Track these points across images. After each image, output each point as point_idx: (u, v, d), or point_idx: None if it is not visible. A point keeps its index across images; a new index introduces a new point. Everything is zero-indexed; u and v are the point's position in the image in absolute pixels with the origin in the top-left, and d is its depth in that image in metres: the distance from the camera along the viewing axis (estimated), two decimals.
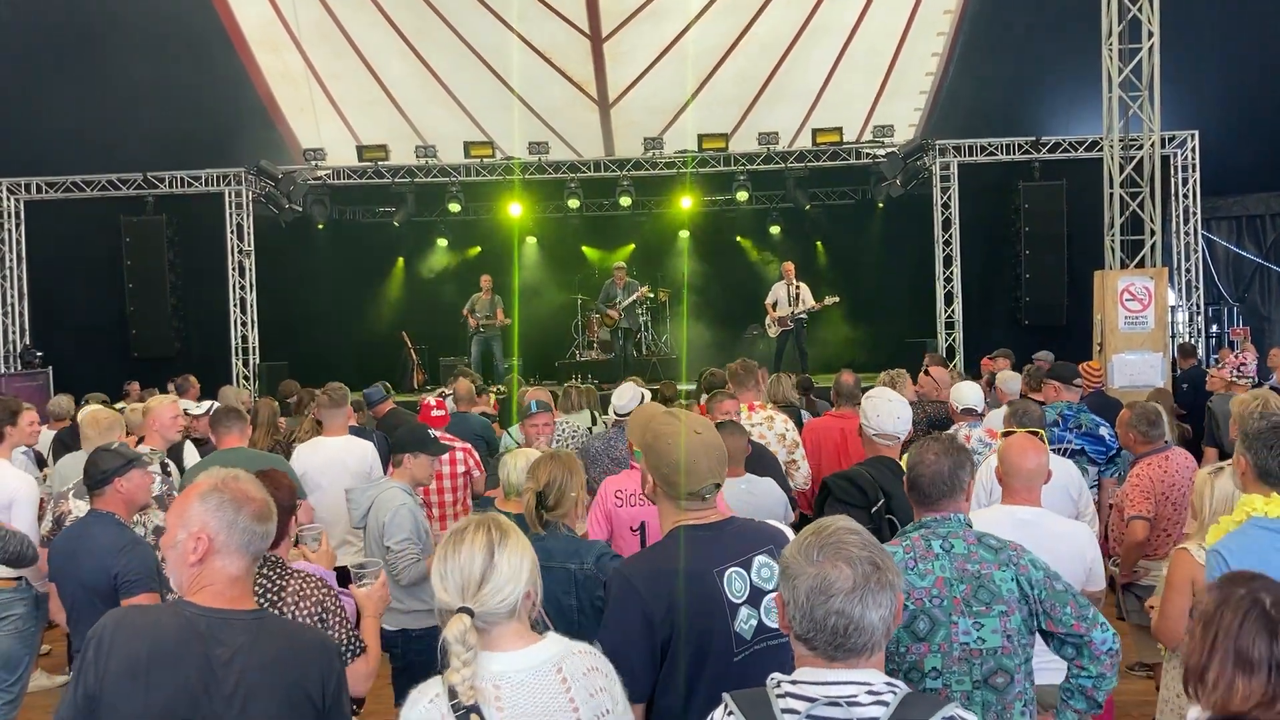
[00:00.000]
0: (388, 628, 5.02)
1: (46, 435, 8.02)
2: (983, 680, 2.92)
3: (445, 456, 6.18)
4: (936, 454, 3.09)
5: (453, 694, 2.09)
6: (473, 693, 2.06)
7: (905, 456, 3.52)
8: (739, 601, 2.60)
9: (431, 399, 7.13)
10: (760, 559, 2.68)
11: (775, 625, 2.60)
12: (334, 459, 6.08)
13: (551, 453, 3.93)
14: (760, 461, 5.18)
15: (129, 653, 2.25)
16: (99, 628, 2.30)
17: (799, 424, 6.90)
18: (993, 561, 2.95)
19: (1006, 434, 4.47)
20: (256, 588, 3.14)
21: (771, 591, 2.61)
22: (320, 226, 16.95)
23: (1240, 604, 2.08)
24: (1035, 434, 4.04)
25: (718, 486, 2.74)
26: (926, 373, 8.51)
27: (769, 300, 14.42)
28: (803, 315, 14.14)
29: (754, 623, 2.62)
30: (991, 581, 2.92)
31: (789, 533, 2.79)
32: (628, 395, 6.36)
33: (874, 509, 3.88)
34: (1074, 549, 3.66)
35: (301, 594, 3.20)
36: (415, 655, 4.81)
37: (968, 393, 6.14)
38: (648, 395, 6.48)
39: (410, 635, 4.85)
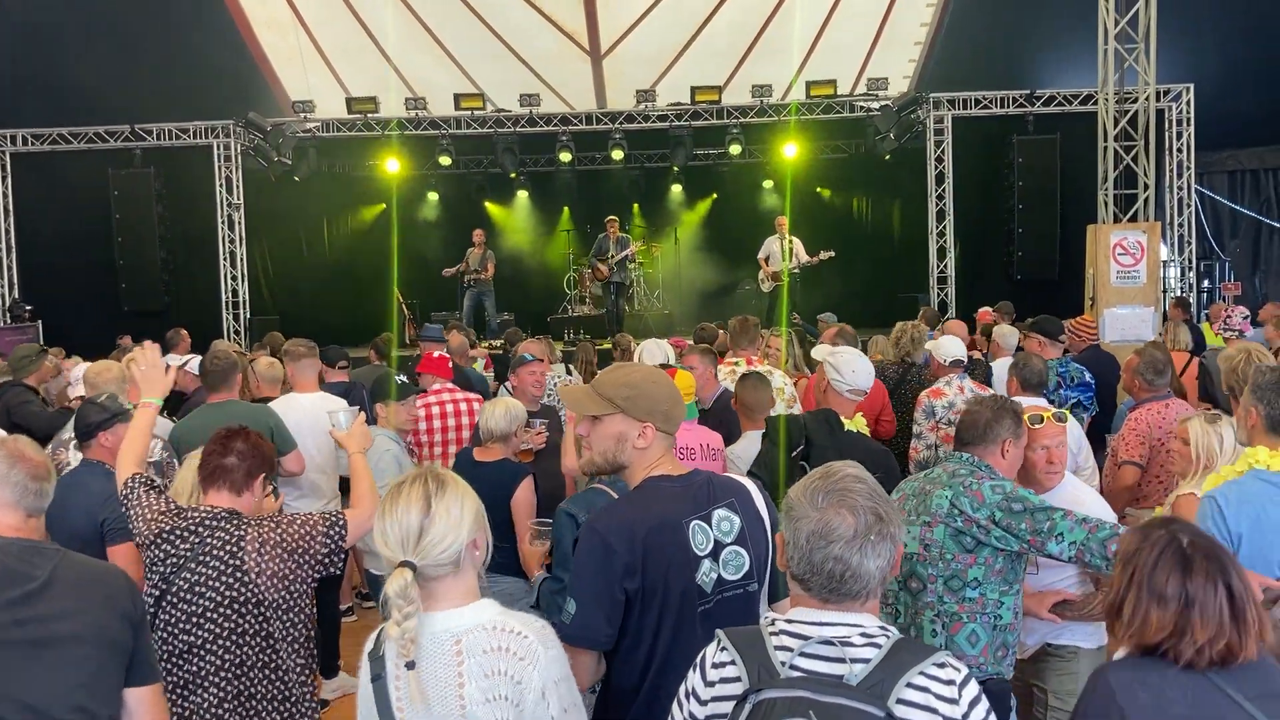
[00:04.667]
0: (374, 571, 5.04)
1: None
2: (902, 583, 3.32)
3: (451, 408, 6.18)
4: (981, 405, 3.52)
5: (377, 638, 2.16)
6: (412, 647, 2.06)
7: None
8: (702, 554, 2.56)
9: (435, 353, 7.13)
10: (720, 512, 2.64)
11: (732, 578, 2.61)
12: (309, 415, 5.75)
13: None
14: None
15: None
16: None
17: None
18: (942, 482, 3.32)
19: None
20: (215, 540, 3.11)
21: (730, 545, 2.62)
22: (310, 179, 16.80)
23: (1158, 542, 2.13)
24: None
25: None
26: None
27: (761, 255, 14.35)
28: (796, 270, 14.09)
29: (714, 576, 2.59)
30: (929, 497, 3.31)
31: (753, 487, 2.77)
32: (659, 356, 5.96)
33: (794, 452, 4.02)
34: None
35: (262, 541, 3.14)
36: None
37: (954, 345, 6.14)
38: (672, 355, 6.33)
39: None
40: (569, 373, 8.23)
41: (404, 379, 5.36)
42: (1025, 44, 15.86)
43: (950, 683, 1.83)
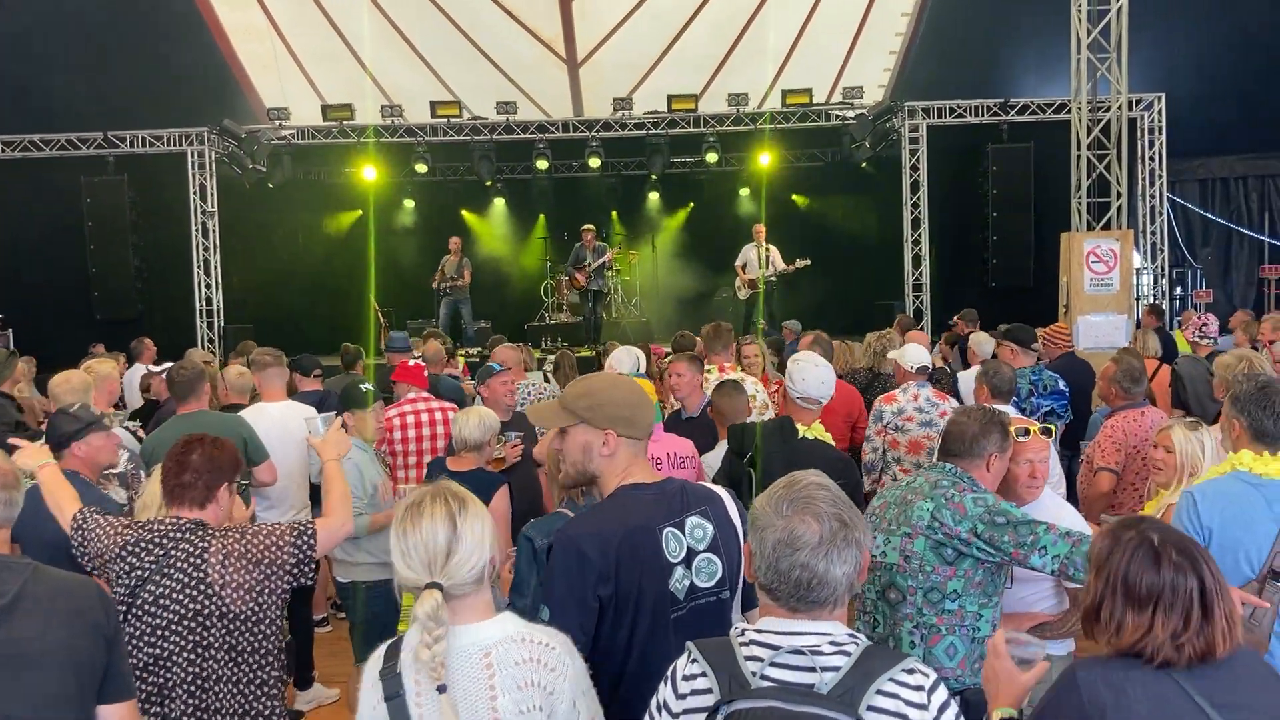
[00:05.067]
0: (340, 579, 5.03)
1: None
2: (880, 593, 3.29)
3: (425, 417, 6.14)
4: (970, 417, 3.45)
5: (388, 657, 2.14)
6: (442, 670, 2.05)
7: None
8: (675, 562, 2.58)
9: (409, 361, 7.11)
10: (693, 519, 2.65)
11: (705, 585, 2.63)
12: (278, 424, 5.77)
13: None
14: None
15: None
16: None
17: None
18: (923, 493, 3.27)
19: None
20: (179, 551, 3.08)
21: (703, 552, 2.64)
22: (284, 187, 16.73)
23: (1129, 544, 2.11)
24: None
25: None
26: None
27: (739, 262, 14.42)
28: (773, 277, 14.15)
29: (687, 583, 2.61)
30: (910, 508, 3.26)
31: (726, 495, 2.79)
32: (628, 364, 6.01)
33: (744, 458, 4.06)
34: None
35: (227, 553, 3.10)
36: (372, 609, 4.84)
37: (918, 353, 6.19)
38: (643, 360, 6.34)
39: (363, 588, 4.89)
40: (547, 380, 8.22)
41: (368, 386, 5.34)
42: (999, 53, 15.99)
43: (919, 688, 1.85)
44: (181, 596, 3.05)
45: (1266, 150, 17.04)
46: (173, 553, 3.08)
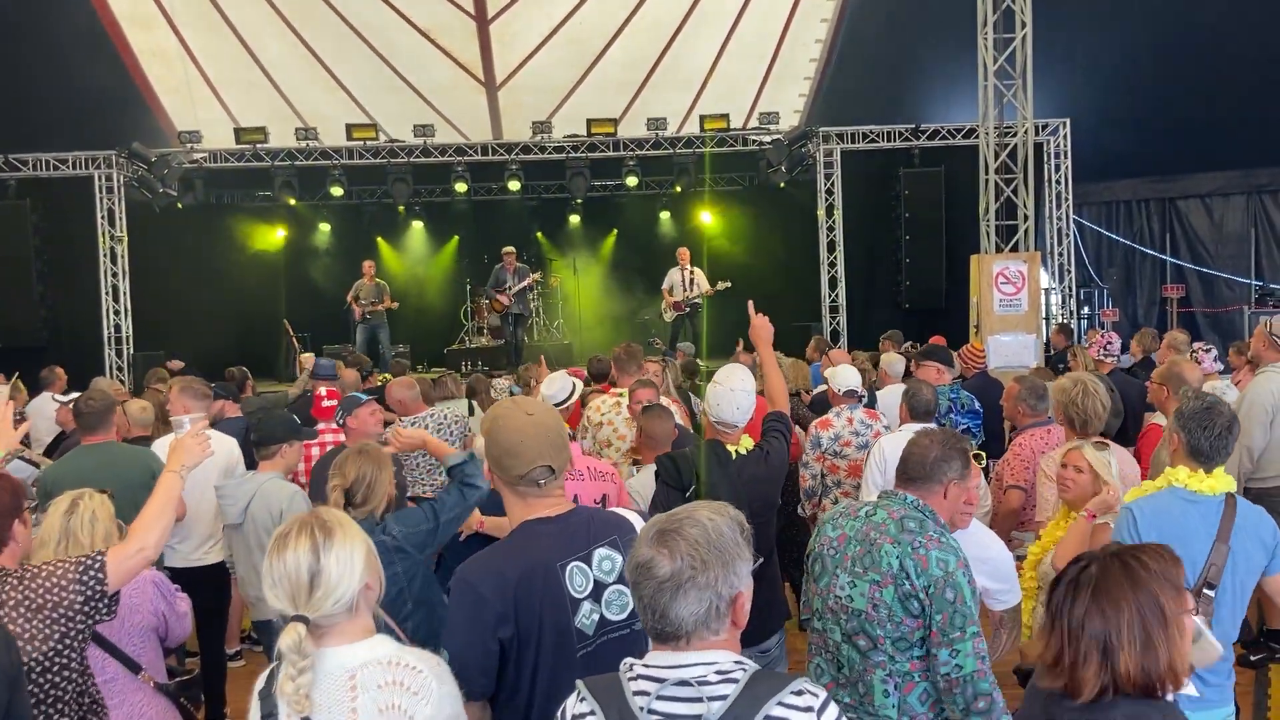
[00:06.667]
0: (261, 618, 4.88)
1: None
2: (847, 637, 3.14)
3: (332, 450, 6.04)
4: (931, 441, 3.29)
5: (270, 678, 2.12)
6: (306, 703, 2.03)
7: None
8: (580, 597, 2.54)
9: (323, 389, 6.99)
10: (601, 551, 2.60)
11: (617, 618, 2.60)
12: None
13: (359, 447, 3.86)
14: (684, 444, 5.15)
15: None
16: None
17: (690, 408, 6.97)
18: (891, 536, 3.11)
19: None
20: None
21: (612, 584, 2.60)
22: (196, 211, 16.39)
23: (1068, 572, 2.14)
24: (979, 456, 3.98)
25: (552, 471, 2.64)
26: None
27: (665, 285, 14.57)
28: (697, 300, 14.30)
29: (596, 617, 2.56)
30: (878, 550, 3.09)
31: (637, 522, 2.75)
32: (558, 385, 5.93)
33: (687, 493, 3.90)
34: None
35: (0, 602, 2.87)
36: None
37: (849, 375, 6.25)
38: (579, 385, 6.23)
39: None
40: (471, 412, 8.10)
41: (323, 424, 5.22)
42: (910, 80, 16.34)
43: (809, 709, 1.84)
44: None
45: (1166, 174, 17.66)
46: None
